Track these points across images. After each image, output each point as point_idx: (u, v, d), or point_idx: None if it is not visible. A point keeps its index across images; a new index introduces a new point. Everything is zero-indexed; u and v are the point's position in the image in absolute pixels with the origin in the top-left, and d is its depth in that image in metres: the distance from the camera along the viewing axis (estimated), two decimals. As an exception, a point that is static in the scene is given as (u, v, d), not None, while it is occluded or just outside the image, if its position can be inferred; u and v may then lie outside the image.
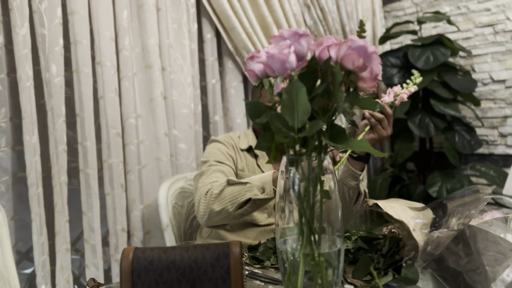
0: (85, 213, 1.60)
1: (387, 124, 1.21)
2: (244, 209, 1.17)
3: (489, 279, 0.71)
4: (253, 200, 1.16)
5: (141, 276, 0.71)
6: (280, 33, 0.64)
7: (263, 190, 1.15)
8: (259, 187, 1.16)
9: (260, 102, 0.65)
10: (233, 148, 1.42)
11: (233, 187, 1.19)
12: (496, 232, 0.79)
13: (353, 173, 1.27)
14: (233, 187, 1.19)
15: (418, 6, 2.57)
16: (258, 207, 1.19)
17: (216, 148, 1.40)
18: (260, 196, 1.15)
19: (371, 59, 0.62)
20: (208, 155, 1.38)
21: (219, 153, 1.38)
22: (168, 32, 1.81)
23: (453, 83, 2.15)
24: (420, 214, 0.88)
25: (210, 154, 1.38)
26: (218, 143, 1.42)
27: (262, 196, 1.15)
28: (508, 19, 2.18)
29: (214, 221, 1.22)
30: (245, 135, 1.48)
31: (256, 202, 1.16)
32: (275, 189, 1.12)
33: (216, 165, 1.33)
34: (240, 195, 1.17)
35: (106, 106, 1.63)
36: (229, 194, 1.18)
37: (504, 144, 2.26)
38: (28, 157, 1.43)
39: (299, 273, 0.66)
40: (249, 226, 1.37)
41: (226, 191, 1.19)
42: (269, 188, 1.15)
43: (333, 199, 0.68)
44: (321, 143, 0.65)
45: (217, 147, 1.40)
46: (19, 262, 1.60)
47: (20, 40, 1.40)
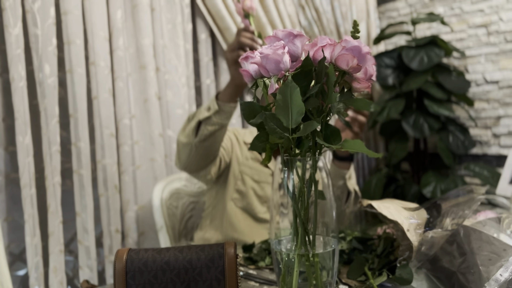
0: (79, 214, 1.59)
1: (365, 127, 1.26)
2: (200, 135, 1.17)
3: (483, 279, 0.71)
4: (203, 122, 1.16)
5: (135, 278, 0.70)
6: (274, 34, 0.64)
7: (208, 108, 1.16)
8: (206, 108, 1.17)
9: (255, 103, 0.65)
10: (236, 138, 1.43)
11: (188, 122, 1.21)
12: (489, 232, 0.80)
13: (339, 173, 1.30)
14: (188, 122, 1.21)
15: (412, 7, 2.58)
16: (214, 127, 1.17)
17: None
18: (206, 114, 1.15)
19: (365, 59, 0.62)
20: None
21: None
22: (162, 32, 1.80)
23: (447, 83, 2.16)
24: (414, 214, 0.88)
25: None
26: None
27: (208, 114, 1.15)
28: (502, 20, 2.20)
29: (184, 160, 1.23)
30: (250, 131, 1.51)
31: (206, 123, 1.16)
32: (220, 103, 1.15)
33: None
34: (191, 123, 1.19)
35: (100, 106, 1.63)
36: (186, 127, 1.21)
37: (498, 144, 2.27)
38: (21, 158, 1.42)
39: (294, 273, 0.66)
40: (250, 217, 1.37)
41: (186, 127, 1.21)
42: (212, 103, 1.15)
43: (328, 200, 0.68)
44: (316, 144, 0.65)
45: None
46: (12, 264, 1.59)
47: (12, 40, 1.39)
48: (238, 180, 1.36)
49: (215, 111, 1.14)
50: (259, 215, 1.36)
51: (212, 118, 1.15)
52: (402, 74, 2.33)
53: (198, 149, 1.20)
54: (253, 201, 1.36)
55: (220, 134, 1.20)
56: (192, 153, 1.21)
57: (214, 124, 1.16)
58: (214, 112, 1.15)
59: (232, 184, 1.37)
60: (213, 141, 1.20)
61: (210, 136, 1.18)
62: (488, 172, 2.12)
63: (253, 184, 1.37)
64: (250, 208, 1.36)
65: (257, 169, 1.38)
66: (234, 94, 1.16)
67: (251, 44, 1.10)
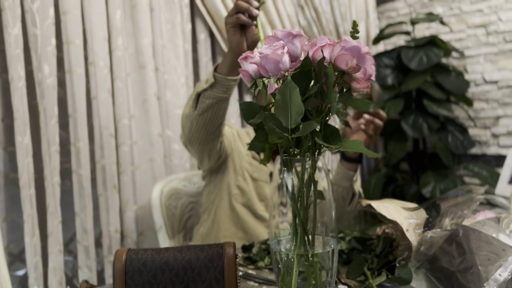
0: (78, 214, 1.59)
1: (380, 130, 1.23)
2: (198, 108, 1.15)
3: (482, 279, 0.71)
4: (201, 94, 1.14)
5: (135, 278, 0.70)
6: (274, 34, 0.64)
7: (206, 80, 1.13)
8: (204, 80, 1.14)
9: (254, 103, 0.65)
10: (237, 134, 1.43)
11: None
12: (488, 232, 0.80)
13: (346, 174, 1.28)
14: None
15: (411, 7, 2.58)
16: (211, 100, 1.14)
17: None
18: (204, 86, 1.13)
19: (364, 59, 0.62)
20: None
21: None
22: (161, 32, 1.80)
23: (446, 83, 2.16)
24: (413, 214, 0.88)
25: None
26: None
27: (205, 86, 1.12)
28: (500, 20, 2.20)
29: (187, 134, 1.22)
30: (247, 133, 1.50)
31: (204, 95, 1.13)
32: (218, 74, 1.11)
33: None
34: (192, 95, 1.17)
35: (99, 106, 1.63)
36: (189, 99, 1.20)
37: (497, 144, 2.27)
38: (20, 158, 1.42)
39: (293, 273, 0.66)
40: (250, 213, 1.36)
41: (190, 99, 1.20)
42: (210, 75, 1.12)
43: (327, 200, 0.68)
44: (315, 144, 0.65)
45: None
46: (11, 264, 1.59)
47: (12, 40, 1.39)
48: (239, 176, 1.36)
49: (211, 83, 1.11)
50: (259, 212, 1.36)
51: (209, 91, 1.12)
52: (401, 74, 2.33)
53: (198, 122, 1.17)
54: (253, 197, 1.36)
55: (219, 108, 1.16)
56: (193, 126, 1.19)
57: (211, 98, 1.13)
58: (211, 85, 1.11)
59: (233, 180, 1.36)
60: (212, 115, 1.17)
61: (208, 109, 1.15)
62: (487, 172, 2.12)
63: (252, 181, 1.38)
64: (250, 204, 1.36)
65: (257, 166, 1.38)
66: (233, 65, 1.11)
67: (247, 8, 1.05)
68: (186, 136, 1.24)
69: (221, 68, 1.12)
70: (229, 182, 1.37)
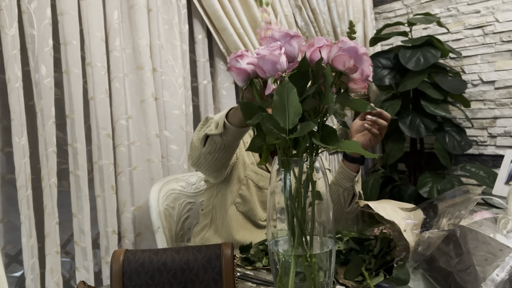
0: (75, 215, 1.59)
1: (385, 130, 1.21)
2: (206, 147, 1.13)
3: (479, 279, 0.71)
4: (210, 136, 1.11)
5: (132, 279, 0.70)
6: (271, 34, 0.64)
7: (217, 124, 1.09)
8: (216, 122, 1.10)
9: (254, 103, 0.65)
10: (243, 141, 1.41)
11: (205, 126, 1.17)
12: (486, 232, 0.80)
13: (348, 175, 1.28)
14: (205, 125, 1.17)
15: (408, 8, 2.59)
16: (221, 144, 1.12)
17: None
18: (213, 131, 1.09)
19: (361, 60, 0.62)
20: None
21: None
22: (159, 33, 1.80)
23: (443, 84, 2.17)
24: (411, 215, 0.88)
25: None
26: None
27: (214, 132, 1.09)
28: (497, 21, 2.21)
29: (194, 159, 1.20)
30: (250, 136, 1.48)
31: (213, 138, 1.11)
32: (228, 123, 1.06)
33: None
34: (202, 130, 1.15)
35: (96, 107, 1.62)
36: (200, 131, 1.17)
37: (494, 144, 2.28)
38: (17, 159, 1.41)
39: (290, 274, 0.66)
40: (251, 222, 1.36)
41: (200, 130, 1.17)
42: (221, 122, 1.08)
43: (325, 200, 0.68)
44: (313, 144, 0.65)
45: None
46: (8, 265, 1.58)
47: (9, 41, 1.39)
48: (242, 185, 1.35)
49: (221, 132, 1.08)
50: (260, 222, 1.36)
51: (218, 137, 1.10)
52: (398, 74, 2.33)
53: (206, 158, 1.17)
54: (255, 206, 1.35)
55: (228, 151, 1.15)
56: (201, 159, 1.19)
57: (220, 142, 1.12)
58: (220, 133, 1.09)
59: (236, 188, 1.35)
60: (221, 155, 1.16)
61: (217, 151, 1.14)
62: (485, 173, 2.12)
63: (257, 190, 1.36)
64: (252, 214, 1.35)
65: (262, 175, 1.37)
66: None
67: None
68: (193, 162, 1.22)
69: (233, 118, 1.06)
70: (232, 190, 1.36)
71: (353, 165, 1.27)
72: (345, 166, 1.28)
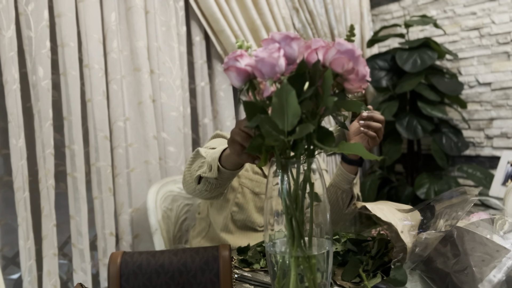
0: (73, 217, 1.58)
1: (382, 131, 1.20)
2: (201, 186, 1.13)
3: (476, 280, 0.72)
4: (204, 178, 1.11)
5: (130, 281, 0.70)
6: (270, 36, 0.64)
7: (210, 167, 1.09)
8: (209, 163, 1.10)
9: (256, 103, 0.65)
10: None
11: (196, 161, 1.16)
12: (482, 233, 0.80)
13: (346, 177, 1.28)
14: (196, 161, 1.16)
15: (405, 10, 2.60)
16: (214, 187, 1.12)
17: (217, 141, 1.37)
18: (207, 174, 1.09)
19: (358, 61, 0.62)
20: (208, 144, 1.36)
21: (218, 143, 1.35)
22: (156, 34, 1.80)
23: (440, 85, 2.18)
24: (408, 216, 0.88)
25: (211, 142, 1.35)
26: (221, 138, 1.39)
27: (208, 175, 1.08)
28: (494, 22, 2.22)
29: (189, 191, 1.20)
30: None
31: (208, 180, 1.11)
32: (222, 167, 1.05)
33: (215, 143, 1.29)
34: (194, 170, 1.14)
35: (94, 109, 1.62)
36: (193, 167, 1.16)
37: (490, 146, 2.29)
38: (15, 161, 1.41)
39: (292, 276, 0.66)
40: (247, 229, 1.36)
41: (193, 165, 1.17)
42: (214, 167, 1.07)
43: (322, 202, 0.68)
44: (310, 146, 0.65)
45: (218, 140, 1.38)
46: (5, 268, 1.58)
47: (6, 43, 1.39)
48: (238, 193, 1.34)
49: (215, 176, 1.08)
50: (259, 228, 1.36)
51: (212, 179, 1.10)
52: (395, 76, 2.34)
53: (202, 193, 1.17)
54: (252, 213, 1.34)
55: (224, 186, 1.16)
56: (196, 193, 1.19)
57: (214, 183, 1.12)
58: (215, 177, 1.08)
59: (231, 197, 1.34)
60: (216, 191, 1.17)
61: (212, 189, 1.15)
62: (481, 174, 2.13)
63: (253, 196, 1.35)
64: (249, 221, 1.35)
65: (258, 181, 1.36)
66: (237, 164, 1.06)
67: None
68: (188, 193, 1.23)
69: (226, 163, 1.06)
70: (227, 199, 1.35)
71: (351, 167, 1.27)
72: (344, 168, 1.29)
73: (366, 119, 1.19)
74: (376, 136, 1.20)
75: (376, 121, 1.19)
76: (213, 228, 1.38)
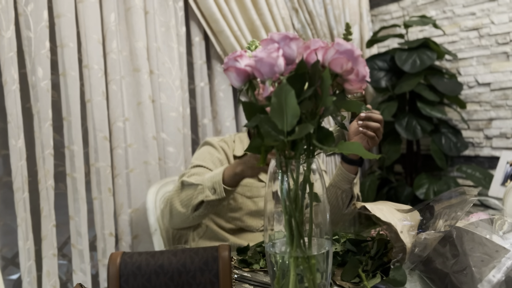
0: (72, 218, 1.58)
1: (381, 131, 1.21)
2: (199, 212, 1.19)
3: (476, 280, 0.72)
4: (206, 202, 1.17)
5: (129, 281, 0.70)
6: (270, 37, 0.64)
7: (214, 190, 1.15)
8: (210, 187, 1.16)
9: (255, 103, 0.65)
10: (225, 154, 1.40)
11: (186, 191, 1.21)
12: (482, 233, 0.80)
13: (346, 177, 1.27)
14: (186, 190, 1.21)
15: (404, 10, 2.60)
16: (214, 208, 1.20)
17: (206, 151, 1.39)
18: (212, 197, 1.15)
19: (357, 62, 0.62)
20: (195, 157, 1.39)
21: (207, 156, 1.37)
22: (156, 35, 1.80)
23: (439, 86, 2.18)
24: (407, 216, 0.88)
25: (197, 156, 1.38)
26: (210, 147, 1.40)
27: (213, 197, 1.15)
28: (493, 23, 2.22)
29: (176, 223, 1.26)
30: (240, 140, 1.46)
31: (210, 203, 1.17)
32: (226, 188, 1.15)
33: (196, 169, 1.33)
34: (193, 198, 1.18)
35: (93, 109, 1.62)
36: (184, 197, 1.20)
37: (490, 146, 2.29)
38: (14, 161, 1.41)
39: (291, 277, 0.66)
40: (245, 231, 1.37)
41: (181, 195, 1.21)
42: (219, 188, 1.15)
43: (322, 202, 0.68)
44: (310, 146, 0.65)
45: (207, 150, 1.39)
46: (5, 268, 1.58)
47: (5, 43, 1.38)
48: (230, 199, 1.36)
49: (222, 197, 1.16)
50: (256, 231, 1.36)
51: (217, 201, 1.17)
52: (394, 76, 2.34)
53: (194, 219, 1.22)
54: (246, 218, 1.36)
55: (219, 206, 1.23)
56: (188, 221, 1.23)
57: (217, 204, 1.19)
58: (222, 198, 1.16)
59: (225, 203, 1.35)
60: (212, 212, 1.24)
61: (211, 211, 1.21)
62: (481, 174, 2.13)
63: (246, 200, 1.36)
64: (245, 226, 1.36)
65: (248, 185, 1.37)
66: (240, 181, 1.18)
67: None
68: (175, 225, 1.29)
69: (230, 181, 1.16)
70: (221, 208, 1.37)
71: (351, 167, 1.27)
72: (344, 168, 1.28)
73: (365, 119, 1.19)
74: (375, 136, 1.20)
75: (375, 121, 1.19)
76: (211, 228, 1.39)
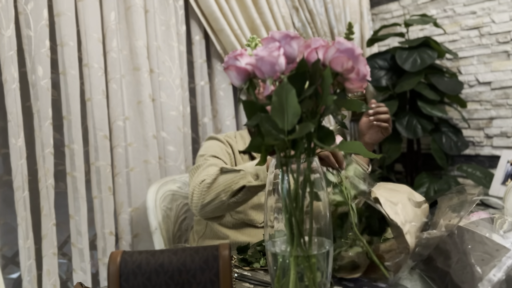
0: (72, 217, 1.58)
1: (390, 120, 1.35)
2: (238, 197, 1.15)
3: (476, 279, 0.72)
4: (247, 188, 1.13)
5: (129, 280, 0.70)
6: (271, 35, 0.64)
7: (257, 176, 1.13)
8: (253, 173, 1.13)
9: (256, 102, 0.65)
10: (231, 148, 1.42)
11: (226, 175, 1.17)
12: (482, 232, 0.80)
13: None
14: (226, 175, 1.17)
15: (405, 9, 2.59)
16: (253, 195, 1.16)
17: (215, 145, 1.39)
18: (254, 183, 1.12)
19: (358, 60, 0.62)
20: (205, 149, 1.37)
21: (217, 149, 1.37)
22: (156, 34, 1.80)
23: (440, 85, 2.17)
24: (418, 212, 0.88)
25: (208, 149, 1.37)
26: (216, 141, 1.42)
27: (256, 183, 1.12)
28: (493, 22, 2.21)
29: (208, 211, 1.20)
30: (241, 136, 1.48)
31: (250, 189, 1.14)
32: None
33: (213, 159, 1.31)
34: (233, 182, 1.15)
35: (93, 108, 1.62)
36: (222, 182, 1.16)
37: (490, 145, 2.29)
38: (14, 160, 1.41)
39: (291, 276, 0.66)
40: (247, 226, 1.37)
41: (219, 179, 1.17)
42: (263, 174, 1.12)
43: (322, 200, 0.68)
44: (310, 145, 0.65)
45: (216, 144, 1.40)
46: (5, 267, 1.58)
47: (5, 42, 1.38)
48: None
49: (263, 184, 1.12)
50: (259, 225, 1.36)
51: (258, 188, 1.14)
52: (395, 75, 2.34)
53: (230, 206, 1.18)
54: (250, 212, 1.35)
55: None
56: (221, 208, 1.19)
57: (256, 192, 1.16)
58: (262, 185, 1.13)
59: None
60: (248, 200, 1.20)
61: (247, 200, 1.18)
62: (481, 173, 2.13)
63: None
64: (248, 220, 1.36)
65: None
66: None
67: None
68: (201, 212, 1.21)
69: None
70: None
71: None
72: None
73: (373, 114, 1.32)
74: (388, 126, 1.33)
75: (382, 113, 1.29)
76: (212, 226, 1.39)
